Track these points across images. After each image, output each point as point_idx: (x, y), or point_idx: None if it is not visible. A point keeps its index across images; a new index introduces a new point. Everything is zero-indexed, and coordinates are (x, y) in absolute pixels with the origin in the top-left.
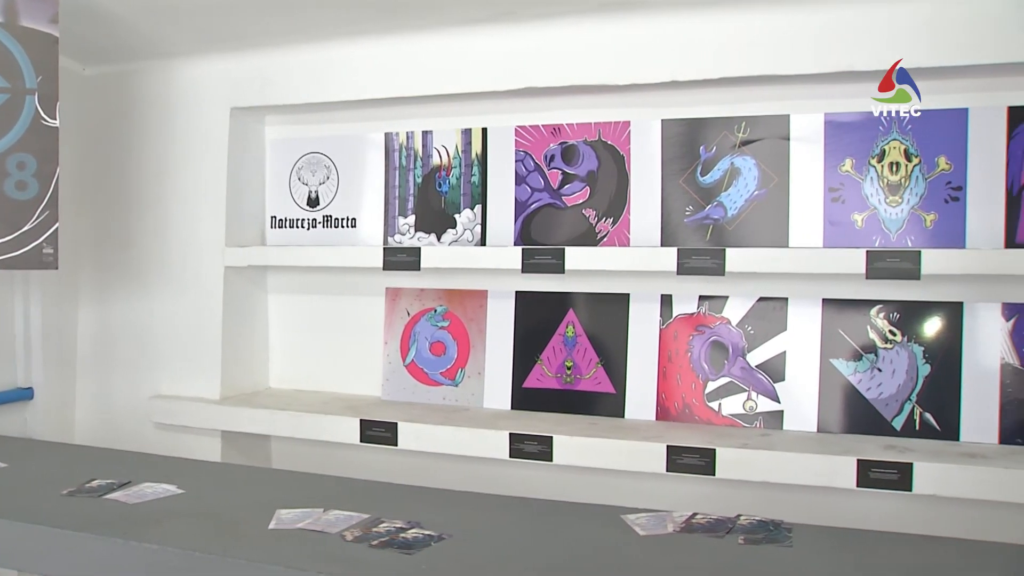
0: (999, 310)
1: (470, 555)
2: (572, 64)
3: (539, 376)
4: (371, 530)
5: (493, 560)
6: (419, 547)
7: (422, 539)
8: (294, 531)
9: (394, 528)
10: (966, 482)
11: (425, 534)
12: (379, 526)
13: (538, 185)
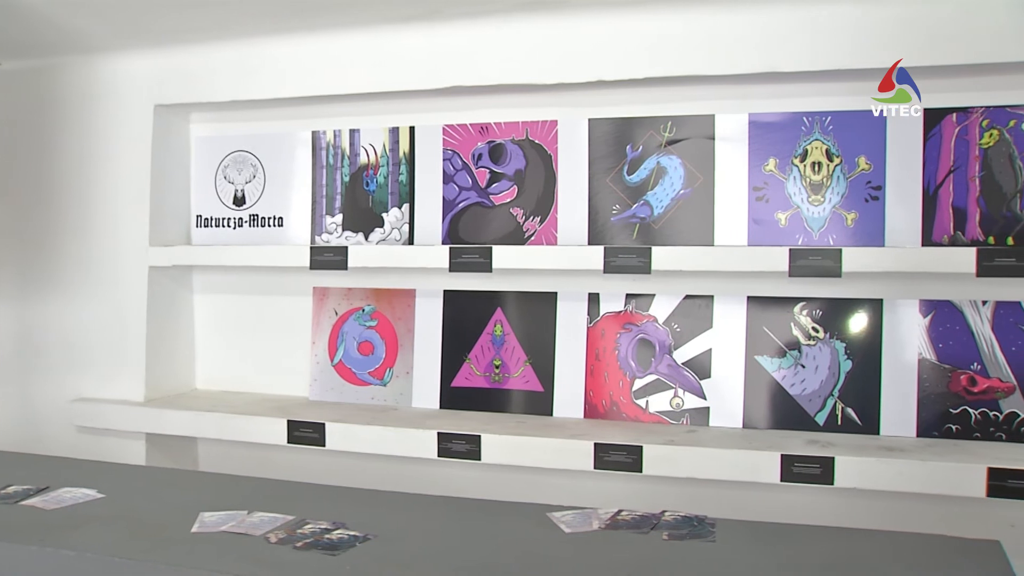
0: (917, 307)
1: (395, 555)
2: (500, 63)
3: (467, 375)
4: (295, 532)
5: (418, 560)
6: (344, 548)
7: (347, 540)
8: (217, 534)
9: (319, 529)
10: (885, 475)
11: (350, 535)
12: (304, 527)
13: (466, 184)
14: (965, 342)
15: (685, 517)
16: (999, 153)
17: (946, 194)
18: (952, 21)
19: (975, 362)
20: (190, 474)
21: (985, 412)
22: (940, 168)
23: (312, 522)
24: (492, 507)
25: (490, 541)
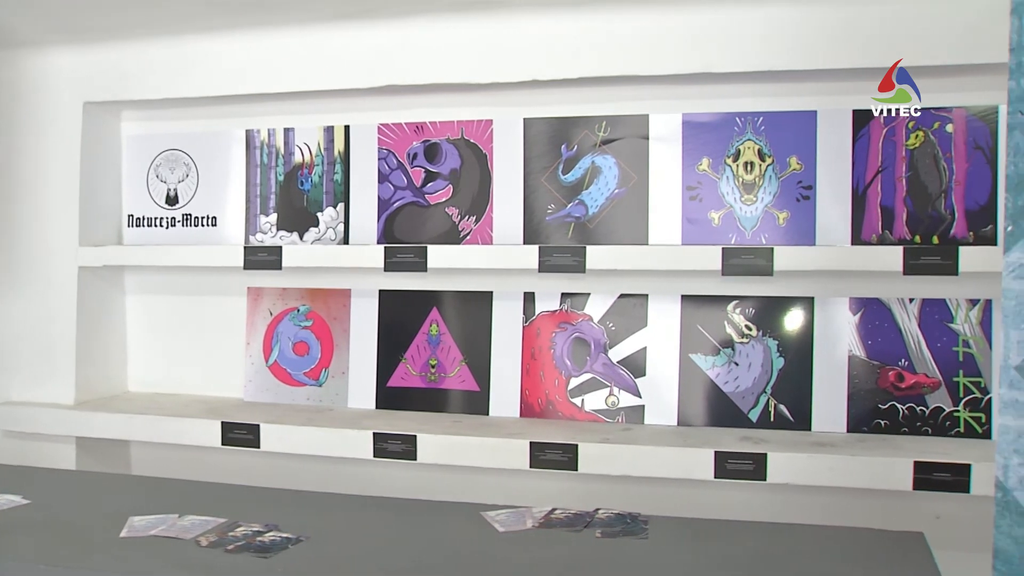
0: (847, 304)
1: (327, 556)
2: (435, 62)
3: (403, 375)
4: (227, 534)
5: (350, 560)
6: (276, 550)
7: (279, 542)
8: (146, 538)
9: (251, 532)
10: (816, 470)
11: (282, 537)
12: (236, 530)
13: (401, 183)
14: (893, 339)
15: (618, 515)
16: (925, 154)
17: (874, 194)
18: (879, 26)
19: (903, 358)
20: (120, 478)
21: (912, 407)
22: (869, 168)
23: (244, 524)
24: (426, 507)
25: (423, 541)
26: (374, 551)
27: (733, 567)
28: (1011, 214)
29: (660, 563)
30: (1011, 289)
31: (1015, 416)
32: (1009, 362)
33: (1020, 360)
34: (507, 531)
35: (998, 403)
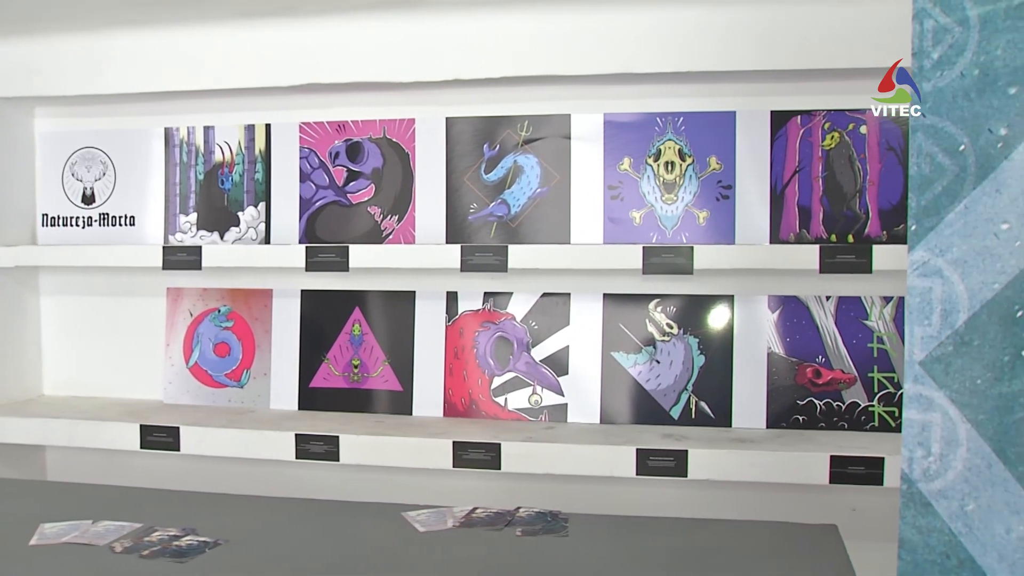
0: (766, 302)
1: (245, 560)
2: (357, 60)
3: (326, 375)
4: (142, 540)
5: (268, 563)
6: (192, 555)
7: (196, 546)
8: (58, 546)
9: (167, 536)
10: (736, 466)
11: (200, 541)
12: (151, 535)
13: (323, 182)
14: (810, 336)
15: (539, 513)
16: (840, 155)
17: (792, 193)
18: (796, 28)
19: (820, 355)
20: (33, 484)
21: (829, 403)
22: (786, 168)
23: (161, 529)
24: (347, 508)
25: (342, 543)
26: (293, 553)
27: (651, 563)
28: (915, 214)
29: (579, 560)
30: (915, 287)
31: (919, 410)
32: (914, 358)
33: (924, 355)
34: (427, 531)
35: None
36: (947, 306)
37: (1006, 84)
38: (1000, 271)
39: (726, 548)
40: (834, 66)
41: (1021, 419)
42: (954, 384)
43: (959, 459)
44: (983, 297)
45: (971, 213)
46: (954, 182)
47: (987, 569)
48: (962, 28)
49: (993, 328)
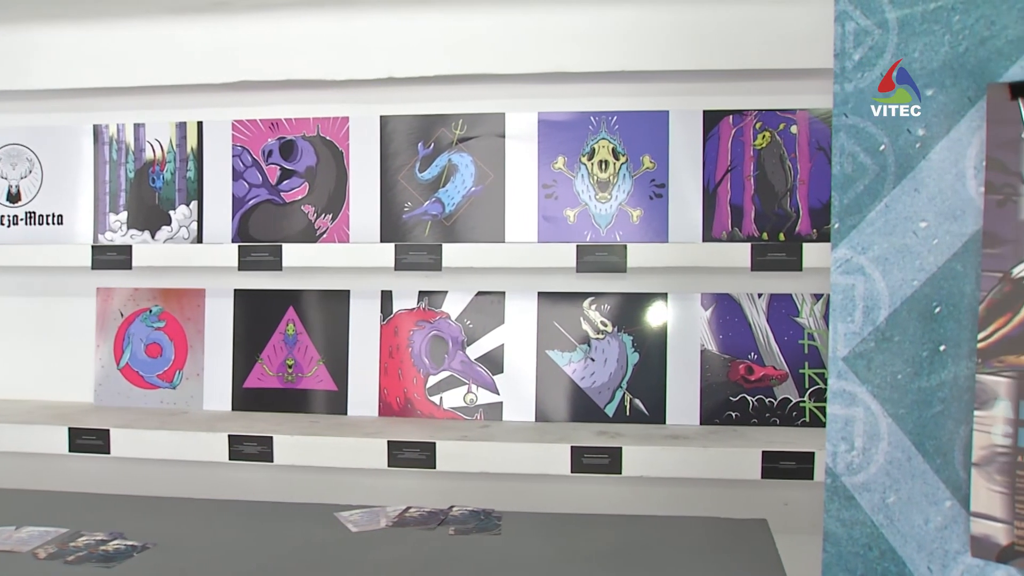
0: (699, 300)
1: (173, 563)
2: (290, 58)
3: (260, 375)
4: (68, 545)
5: (197, 566)
6: (120, 559)
7: (124, 550)
8: None
9: (94, 541)
10: (669, 463)
11: (127, 545)
12: (77, 540)
13: (256, 181)
14: (743, 333)
15: (472, 511)
16: (771, 154)
17: (724, 192)
18: (728, 29)
19: (752, 352)
20: None
21: (761, 399)
22: (719, 167)
23: (87, 534)
24: (279, 509)
25: (273, 544)
26: (223, 556)
27: (582, 560)
28: (838, 212)
29: (512, 558)
30: (838, 284)
31: (843, 405)
32: (837, 354)
33: (847, 352)
34: (360, 531)
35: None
36: (869, 303)
37: (923, 86)
38: (919, 268)
39: (657, 544)
40: (765, 66)
41: (939, 413)
42: (876, 379)
43: (880, 453)
44: (903, 294)
45: (891, 212)
46: (875, 181)
47: (907, 559)
48: (881, 30)
49: (913, 324)
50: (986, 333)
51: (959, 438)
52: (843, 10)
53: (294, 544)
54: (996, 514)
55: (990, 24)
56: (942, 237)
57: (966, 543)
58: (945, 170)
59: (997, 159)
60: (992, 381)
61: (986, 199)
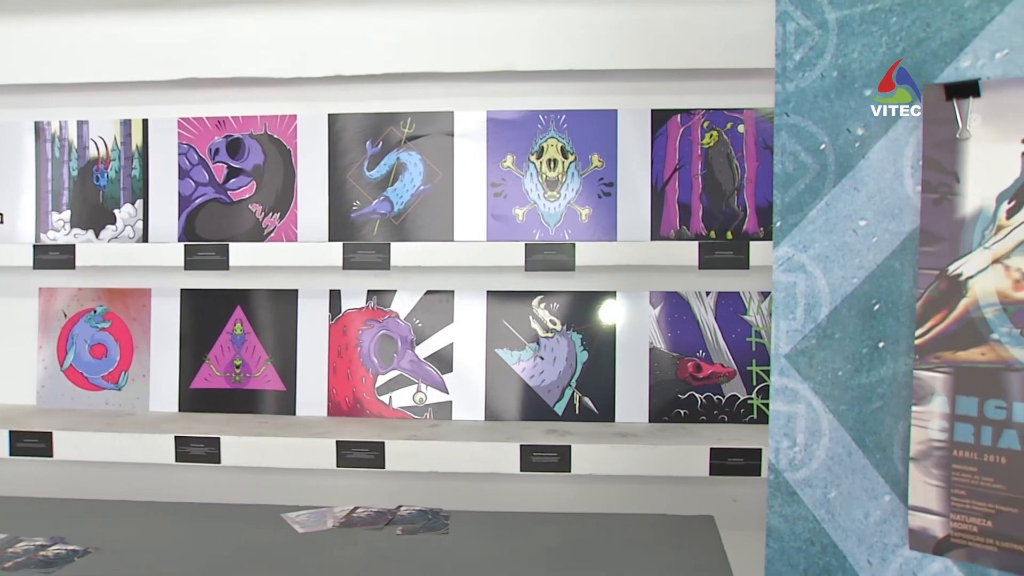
0: (647, 298)
1: (115, 568)
2: (237, 55)
3: (207, 376)
4: (6, 551)
5: (139, 570)
6: (60, 564)
7: (64, 555)
8: None
9: (33, 547)
10: (618, 460)
11: (68, 549)
12: (16, 546)
13: (202, 179)
14: (691, 331)
15: (420, 511)
16: (719, 153)
17: (672, 191)
18: (675, 28)
19: (700, 349)
20: None
21: (710, 396)
22: (667, 166)
23: (26, 539)
24: (225, 511)
25: (218, 546)
26: (166, 559)
27: (529, 558)
28: (780, 210)
29: (458, 557)
30: (780, 282)
31: (785, 402)
32: (780, 351)
33: (789, 349)
34: (307, 532)
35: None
36: (810, 300)
37: (862, 86)
38: (859, 266)
39: (605, 541)
40: (713, 66)
41: (879, 409)
42: (817, 376)
43: (822, 449)
44: (843, 291)
45: (832, 210)
46: (816, 180)
47: (847, 553)
48: (821, 31)
49: (853, 321)
50: (923, 330)
51: (898, 433)
52: (784, 11)
53: (239, 546)
54: (933, 507)
55: (926, 26)
56: (881, 235)
57: (904, 536)
58: (884, 169)
59: (933, 159)
60: (929, 377)
61: (923, 198)
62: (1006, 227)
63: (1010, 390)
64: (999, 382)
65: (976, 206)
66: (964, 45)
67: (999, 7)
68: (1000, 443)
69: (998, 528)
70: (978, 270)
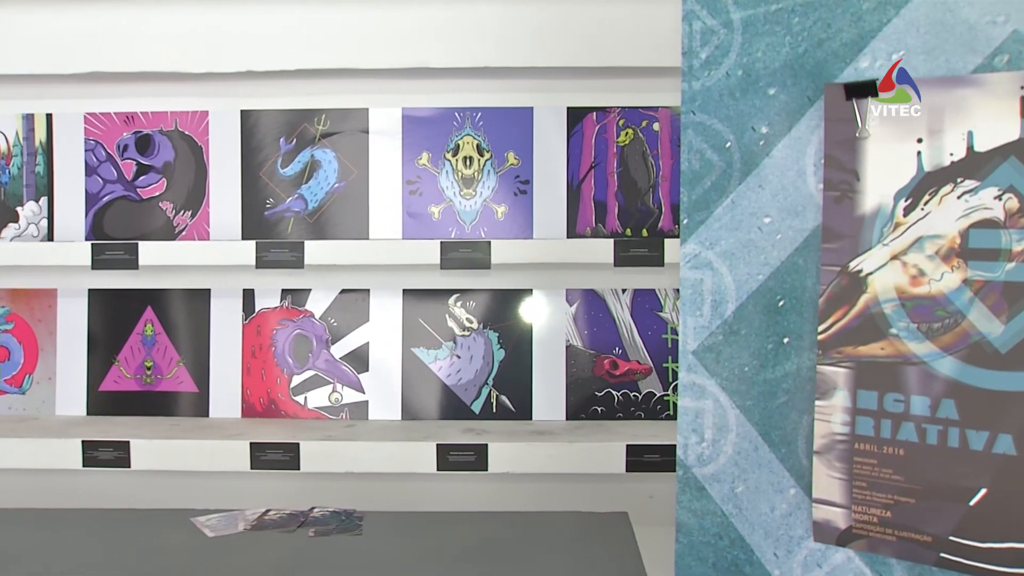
0: (564, 296)
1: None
2: (146, 49)
3: (116, 378)
4: None
5: None
6: None
7: None
8: None
9: None
10: (535, 458)
11: None
12: None
13: (110, 176)
14: (608, 328)
15: (334, 512)
16: (634, 151)
17: (588, 189)
18: (592, 26)
19: (617, 347)
20: None
21: (626, 393)
22: (583, 164)
23: None
24: (134, 516)
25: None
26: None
27: (442, 558)
28: (687, 208)
29: (371, 558)
30: (687, 278)
31: (693, 398)
32: (687, 347)
33: (697, 345)
34: (217, 536)
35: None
36: (717, 297)
37: (766, 85)
38: (764, 263)
39: (519, 539)
40: (628, 64)
41: (784, 403)
42: (724, 372)
43: (729, 444)
44: (749, 288)
45: (737, 207)
46: (721, 177)
47: (755, 546)
48: (727, 30)
49: (758, 317)
50: (825, 325)
51: (802, 427)
52: (690, 9)
53: (147, 552)
54: (836, 499)
55: (827, 27)
56: (785, 232)
57: (809, 528)
58: (787, 167)
59: (834, 157)
60: (831, 371)
61: (824, 195)
62: (903, 224)
63: (908, 384)
64: (897, 376)
65: (875, 204)
66: (863, 46)
67: (895, 10)
68: (899, 435)
69: (896, 518)
70: (877, 266)
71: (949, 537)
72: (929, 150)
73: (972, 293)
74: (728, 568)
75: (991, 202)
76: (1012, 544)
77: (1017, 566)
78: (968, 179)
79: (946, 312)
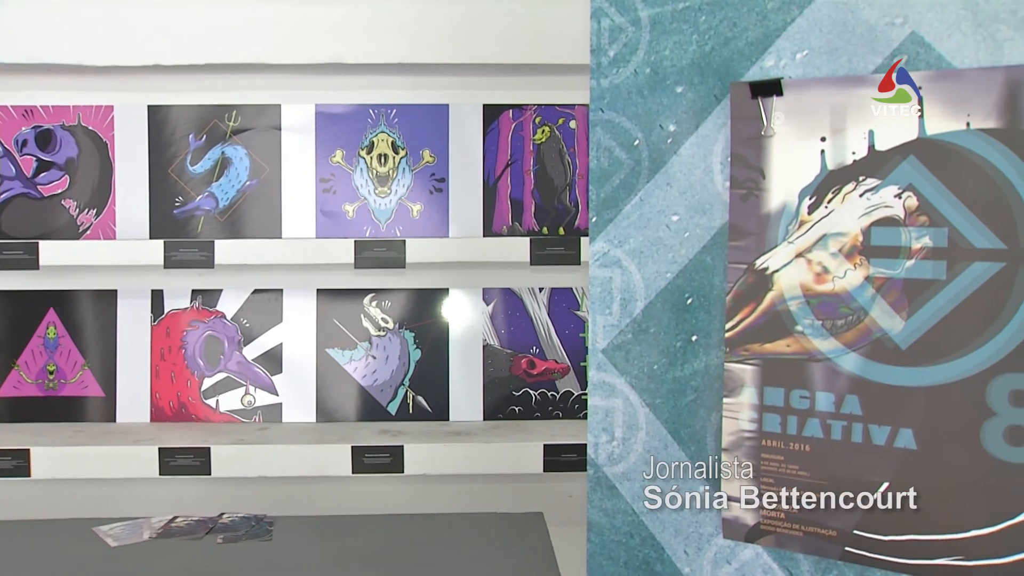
0: (480, 295)
1: None
2: (46, 40)
3: (16, 383)
4: None
5: None
6: None
7: None
8: None
9: None
10: (452, 459)
11: None
12: None
13: (9, 173)
14: (525, 327)
15: (244, 518)
16: (551, 149)
17: (504, 187)
18: (506, 23)
19: (534, 346)
20: None
21: (544, 392)
22: (499, 162)
23: None
24: (31, 527)
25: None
26: None
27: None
28: (595, 206)
29: (282, 564)
30: (596, 277)
31: (603, 397)
32: (597, 346)
33: (606, 344)
34: (120, 545)
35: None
36: (626, 295)
37: (674, 83)
38: (672, 261)
39: (433, 541)
40: (544, 61)
41: (692, 401)
42: (633, 370)
43: (639, 442)
44: (657, 286)
45: (645, 205)
46: (630, 175)
47: (665, 544)
48: (635, 28)
49: (667, 316)
50: (732, 323)
51: (711, 425)
52: (598, 7)
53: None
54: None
55: (732, 26)
56: (692, 230)
57: (718, 525)
58: (694, 165)
59: (740, 155)
60: (739, 369)
61: (731, 193)
62: (808, 222)
63: (813, 380)
64: (803, 373)
65: (780, 202)
66: (768, 45)
67: (799, 10)
68: (804, 431)
69: (802, 513)
70: (783, 264)
71: (853, 531)
72: (832, 149)
73: (874, 290)
74: (639, 566)
75: (891, 200)
76: (913, 536)
77: (918, 557)
78: (870, 177)
79: (849, 309)
